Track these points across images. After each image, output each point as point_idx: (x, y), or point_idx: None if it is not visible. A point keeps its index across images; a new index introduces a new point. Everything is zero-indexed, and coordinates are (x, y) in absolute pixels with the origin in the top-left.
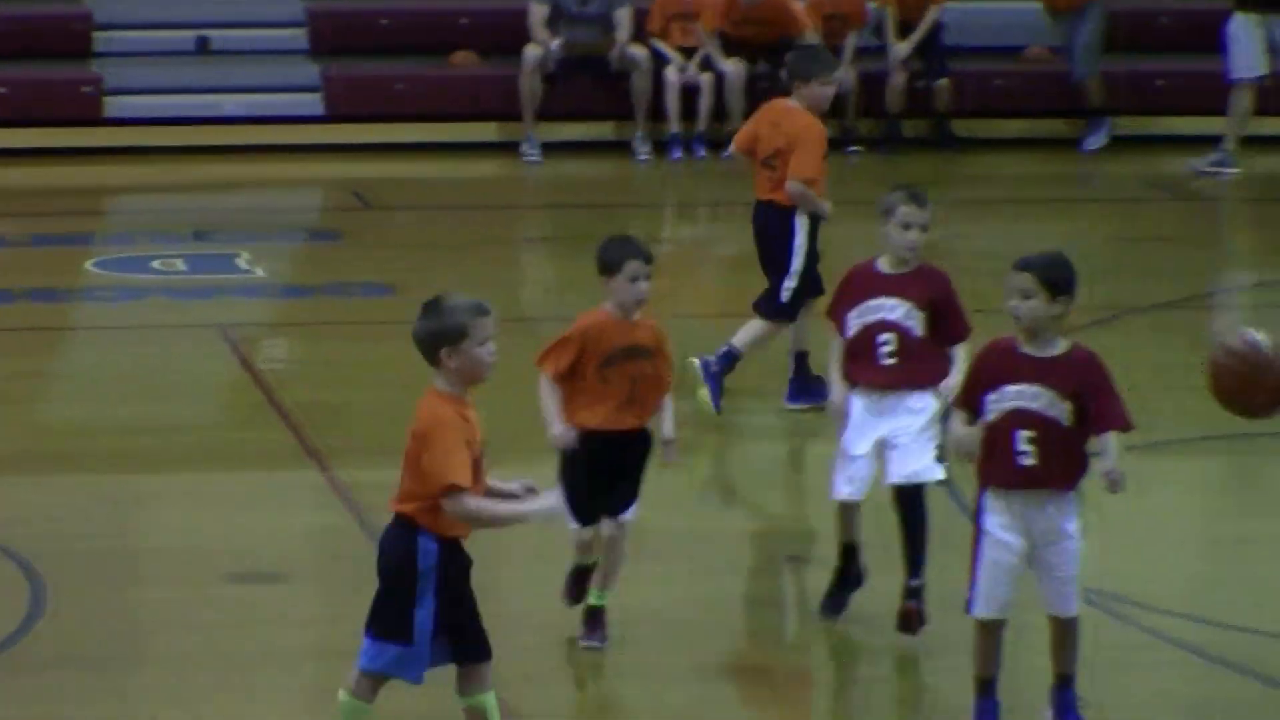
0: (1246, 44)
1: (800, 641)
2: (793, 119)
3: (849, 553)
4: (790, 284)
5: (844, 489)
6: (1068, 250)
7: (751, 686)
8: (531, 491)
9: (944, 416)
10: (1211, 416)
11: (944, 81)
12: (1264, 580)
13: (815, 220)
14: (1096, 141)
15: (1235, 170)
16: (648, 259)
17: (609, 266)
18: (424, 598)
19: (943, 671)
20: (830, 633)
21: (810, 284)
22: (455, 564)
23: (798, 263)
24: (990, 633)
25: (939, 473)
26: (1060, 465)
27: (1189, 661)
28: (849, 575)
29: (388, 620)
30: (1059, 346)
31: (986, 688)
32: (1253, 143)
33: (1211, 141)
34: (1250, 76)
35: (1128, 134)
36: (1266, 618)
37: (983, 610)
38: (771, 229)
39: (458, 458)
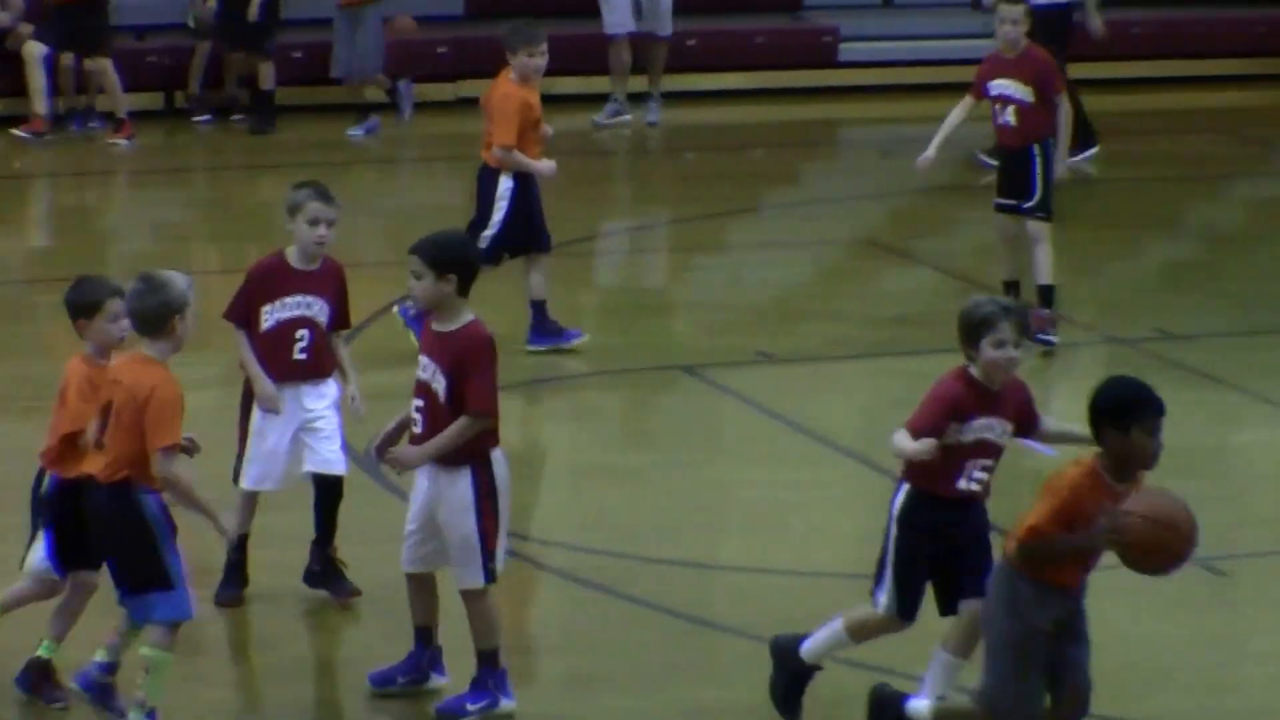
0: (617, 3)
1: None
2: (495, 89)
3: (243, 543)
4: (488, 233)
5: (259, 482)
6: (462, 205)
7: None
8: (191, 442)
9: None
10: (588, 353)
11: (254, 55)
12: (637, 509)
13: (527, 179)
14: (361, 130)
15: (630, 118)
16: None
17: (88, 309)
18: (166, 543)
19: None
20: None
21: (518, 236)
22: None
23: (498, 216)
24: (411, 584)
25: (345, 468)
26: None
27: (567, 587)
28: (241, 566)
29: (142, 573)
30: (458, 322)
31: (420, 635)
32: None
33: (569, 100)
34: (622, 33)
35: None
36: (638, 544)
37: (403, 564)
38: (480, 185)
39: (179, 422)
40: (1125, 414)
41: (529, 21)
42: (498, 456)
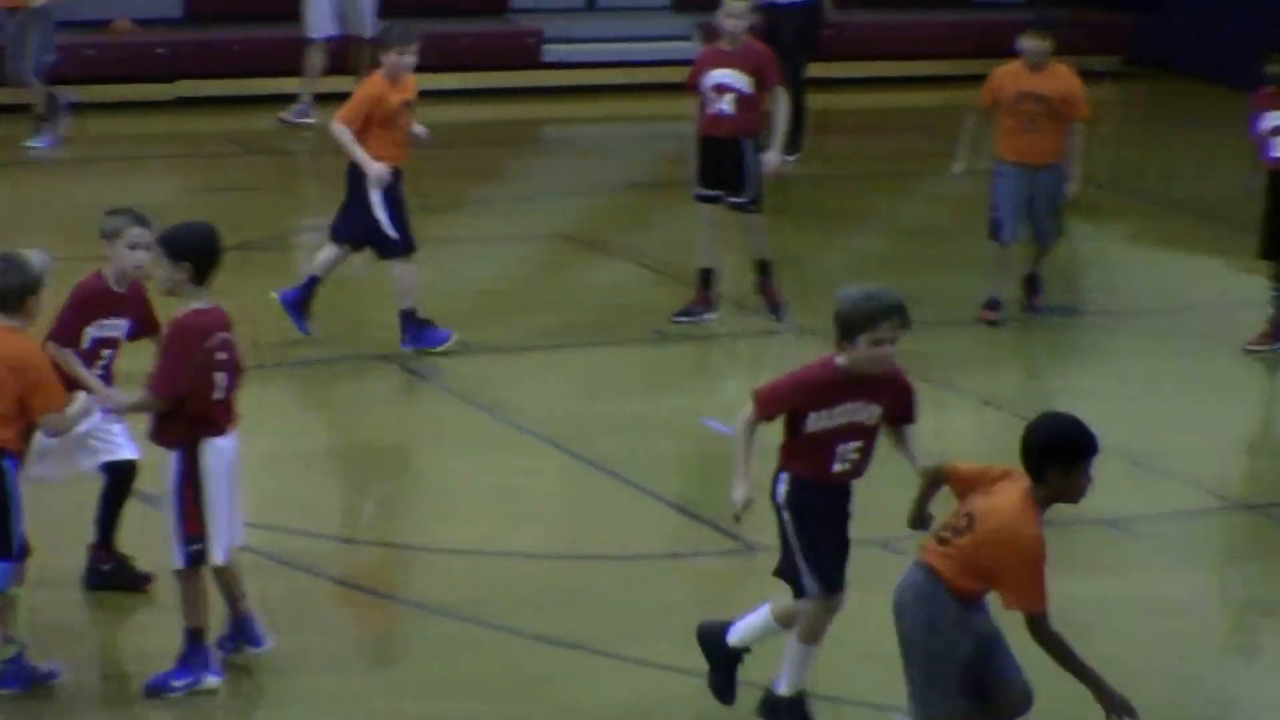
0: (320, 6)
1: None
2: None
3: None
4: (389, 233)
5: (44, 479)
6: (174, 200)
7: None
8: None
9: None
10: (291, 342)
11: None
12: (338, 494)
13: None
14: (41, 143)
15: (313, 120)
16: None
17: None
18: (14, 515)
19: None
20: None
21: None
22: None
23: (379, 210)
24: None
25: (138, 452)
26: (154, 421)
27: (271, 569)
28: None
29: None
30: (184, 309)
31: (230, 600)
32: (328, 99)
33: (284, 100)
34: (320, 36)
35: (210, 95)
36: (338, 527)
37: None
38: (348, 179)
39: (59, 382)
40: (1077, 454)
41: (405, 23)
42: (217, 446)
